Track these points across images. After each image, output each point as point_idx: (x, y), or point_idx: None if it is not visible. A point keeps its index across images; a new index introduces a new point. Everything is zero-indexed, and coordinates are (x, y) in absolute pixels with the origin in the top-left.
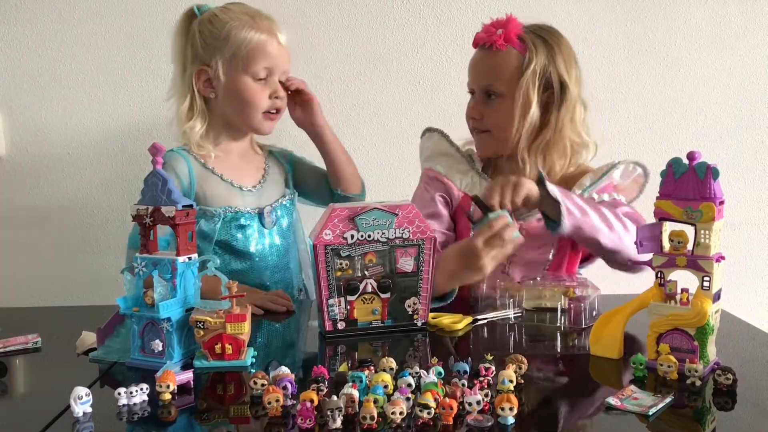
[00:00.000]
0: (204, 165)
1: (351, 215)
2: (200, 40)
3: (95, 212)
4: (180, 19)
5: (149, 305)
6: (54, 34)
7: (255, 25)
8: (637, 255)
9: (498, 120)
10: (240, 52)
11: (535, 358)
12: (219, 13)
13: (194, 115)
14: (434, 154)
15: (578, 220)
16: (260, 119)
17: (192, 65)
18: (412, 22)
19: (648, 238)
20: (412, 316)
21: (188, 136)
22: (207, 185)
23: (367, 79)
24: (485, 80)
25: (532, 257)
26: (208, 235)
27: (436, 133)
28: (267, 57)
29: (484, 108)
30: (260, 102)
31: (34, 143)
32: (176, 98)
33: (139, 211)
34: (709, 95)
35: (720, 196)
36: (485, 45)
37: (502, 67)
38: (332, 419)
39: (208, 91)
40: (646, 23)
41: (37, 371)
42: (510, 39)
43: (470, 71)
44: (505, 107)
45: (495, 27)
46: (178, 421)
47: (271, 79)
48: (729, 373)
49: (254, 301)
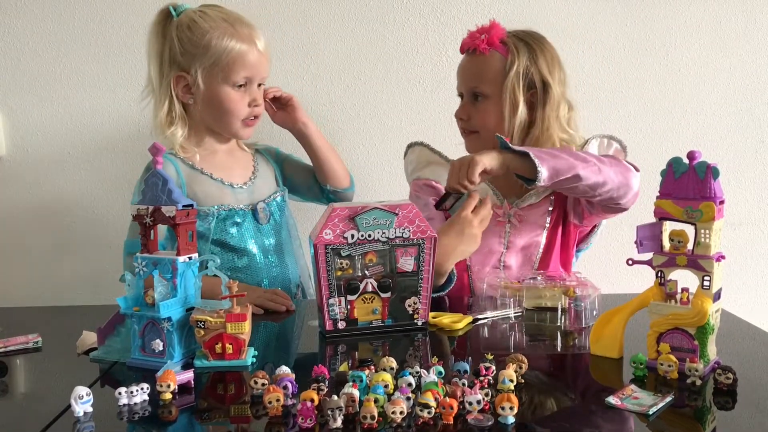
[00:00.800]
0: (192, 166)
1: (351, 215)
2: (179, 47)
3: (95, 212)
4: (155, 18)
5: (150, 305)
6: (54, 34)
7: (235, 33)
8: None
9: (485, 120)
10: (220, 62)
11: (535, 358)
12: (198, 19)
13: (174, 120)
14: (420, 165)
15: (552, 162)
16: (239, 126)
17: (171, 70)
18: (412, 22)
19: (648, 238)
20: (412, 316)
21: (171, 141)
22: (198, 186)
23: (367, 79)
24: (471, 83)
25: (525, 242)
26: (204, 235)
27: (417, 146)
28: (247, 66)
29: (472, 109)
30: (239, 111)
31: (34, 143)
32: (154, 101)
33: (140, 211)
34: (709, 95)
35: (720, 196)
36: (470, 50)
37: (487, 69)
38: (333, 419)
39: (187, 97)
40: (646, 23)
41: (37, 371)
42: (493, 43)
43: (458, 75)
44: (491, 108)
45: (479, 33)
46: (179, 420)
47: (250, 87)
48: (729, 373)
49: (253, 300)
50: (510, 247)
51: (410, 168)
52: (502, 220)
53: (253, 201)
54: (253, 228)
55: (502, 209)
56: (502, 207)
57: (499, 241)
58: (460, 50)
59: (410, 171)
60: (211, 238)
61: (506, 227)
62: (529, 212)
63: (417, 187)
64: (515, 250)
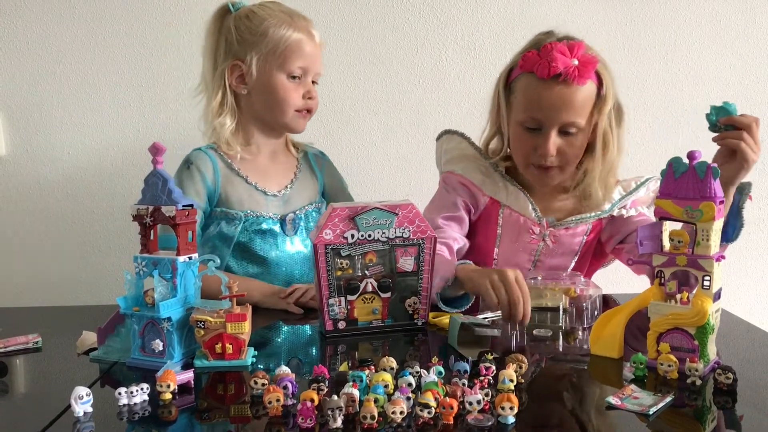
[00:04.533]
0: (230, 165)
1: (351, 215)
2: (236, 35)
3: (95, 211)
4: (213, 16)
5: (149, 305)
6: (54, 34)
7: (293, 23)
8: None
9: (574, 154)
10: (277, 49)
11: (535, 358)
12: (257, 9)
13: (225, 111)
14: (459, 158)
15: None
16: (292, 116)
17: (225, 60)
18: (412, 22)
19: (648, 238)
20: (412, 316)
21: (218, 133)
22: (230, 186)
23: (367, 78)
24: (568, 117)
25: (555, 263)
26: (229, 238)
27: (457, 135)
28: (303, 56)
29: (561, 144)
30: (294, 100)
31: (34, 143)
32: (206, 94)
33: (140, 210)
34: (709, 95)
35: (720, 196)
36: (561, 77)
37: (584, 102)
38: (333, 419)
39: (240, 87)
40: (646, 23)
41: (37, 371)
42: (587, 74)
43: (543, 106)
44: (581, 141)
45: (564, 54)
46: (179, 420)
47: (305, 79)
48: (729, 373)
49: (276, 305)
50: (537, 267)
51: (444, 158)
52: (536, 239)
53: (284, 210)
54: (279, 237)
55: (539, 227)
56: (539, 224)
57: (529, 259)
58: (544, 74)
59: (444, 160)
60: (234, 242)
61: (539, 246)
62: (565, 234)
63: (454, 182)
64: (542, 270)
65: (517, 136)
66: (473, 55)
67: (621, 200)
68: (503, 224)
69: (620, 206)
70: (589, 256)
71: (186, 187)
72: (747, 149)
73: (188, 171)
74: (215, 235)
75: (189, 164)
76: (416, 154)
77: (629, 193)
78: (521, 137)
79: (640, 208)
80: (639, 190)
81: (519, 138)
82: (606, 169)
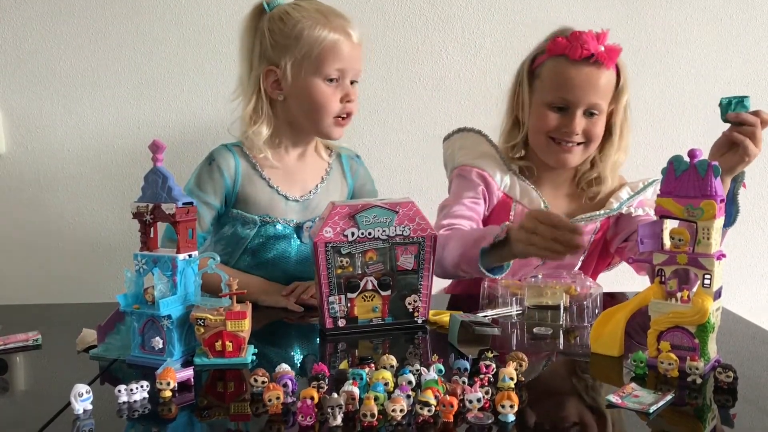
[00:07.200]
0: (254, 166)
1: (351, 213)
2: (270, 39)
3: (95, 209)
4: (248, 15)
5: (149, 302)
6: (54, 34)
7: (328, 23)
8: None
9: (597, 134)
10: (312, 53)
11: (535, 356)
12: (290, 10)
13: (260, 118)
14: (477, 153)
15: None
16: (330, 123)
17: (260, 65)
18: (412, 21)
19: (649, 236)
20: (412, 314)
21: (252, 141)
22: (251, 187)
23: (367, 78)
24: (596, 98)
25: (562, 261)
26: (242, 239)
27: (474, 132)
28: (340, 58)
29: (587, 123)
30: (331, 106)
31: (34, 141)
32: (242, 99)
33: (140, 208)
34: (709, 94)
35: (721, 194)
36: (592, 59)
37: (607, 86)
38: (333, 416)
39: (276, 93)
40: (646, 23)
41: (37, 368)
42: (614, 59)
43: (574, 85)
44: (601, 125)
45: (593, 39)
46: (179, 418)
47: (343, 82)
48: (730, 371)
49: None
50: (546, 263)
51: (460, 153)
52: None
53: (303, 217)
54: (292, 244)
55: None
56: None
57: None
58: (576, 55)
59: (459, 155)
60: (246, 246)
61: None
62: None
63: (467, 173)
64: (551, 266)
65: (541, 116)
66: (473, 55)
67: (629, 199)
68: (514, 220)
69: (628, 205)
70: (595, 255)
71: (204, 182)
72: (751, 145)
73: (209, 167)
74: (230, 235)
75: (212, 160)
76: (415, 154)
77: (637, 193)
78: (546, 117)
79: (646, 208)
80: (646, 190)
81: (544, 118)
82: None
